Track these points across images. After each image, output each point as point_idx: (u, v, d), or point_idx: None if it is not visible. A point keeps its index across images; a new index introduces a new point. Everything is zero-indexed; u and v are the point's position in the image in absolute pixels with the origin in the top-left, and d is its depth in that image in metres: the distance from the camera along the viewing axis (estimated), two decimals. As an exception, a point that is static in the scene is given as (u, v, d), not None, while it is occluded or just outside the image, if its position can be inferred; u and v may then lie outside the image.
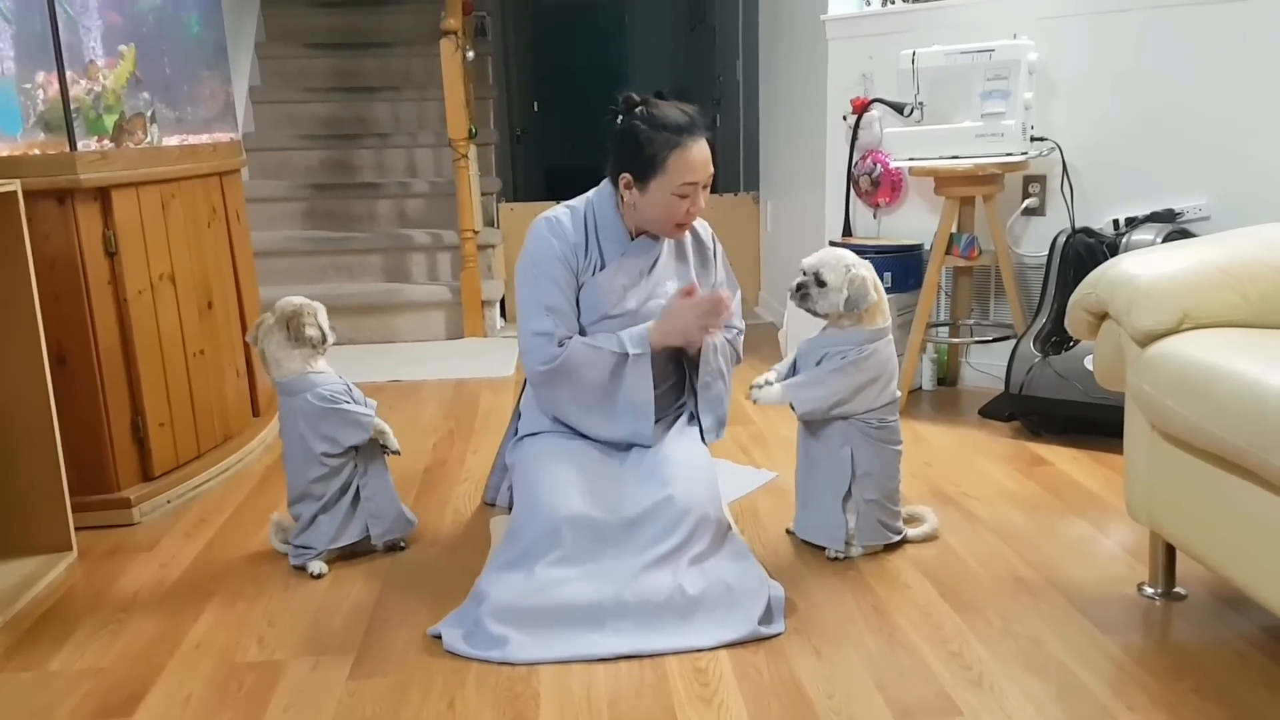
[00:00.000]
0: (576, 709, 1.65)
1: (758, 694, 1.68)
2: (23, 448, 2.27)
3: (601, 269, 2.17)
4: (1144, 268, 1.87)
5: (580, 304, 2.17)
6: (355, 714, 1.66)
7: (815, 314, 2.17)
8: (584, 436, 2.20)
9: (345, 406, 2.18)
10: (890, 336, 2.18)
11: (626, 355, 2.12)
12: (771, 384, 2.16)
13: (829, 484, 2.16)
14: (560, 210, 2.21)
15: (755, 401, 2.15)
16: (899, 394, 2.20)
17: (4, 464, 2.28)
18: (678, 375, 2.30)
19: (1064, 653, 1.77)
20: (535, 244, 2.18)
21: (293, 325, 2.17)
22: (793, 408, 2.16)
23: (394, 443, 2.25)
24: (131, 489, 2.54)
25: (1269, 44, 2.85)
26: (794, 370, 2.20)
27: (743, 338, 2.34)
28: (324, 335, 2.20)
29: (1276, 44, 2.85)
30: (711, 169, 2.10)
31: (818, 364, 2.15)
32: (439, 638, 1.88)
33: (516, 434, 2.34)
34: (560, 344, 2.13)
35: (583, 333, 2.18)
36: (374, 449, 2.24)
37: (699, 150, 2.07)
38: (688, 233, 2.24)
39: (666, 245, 2.23)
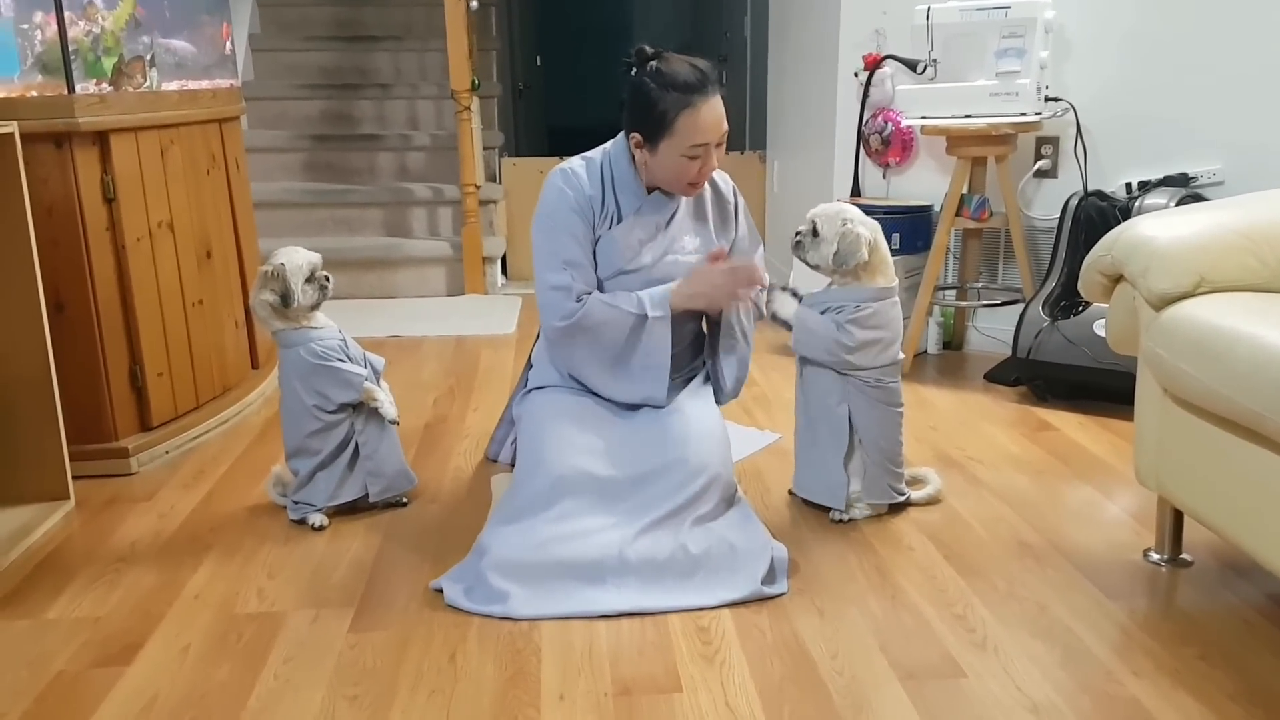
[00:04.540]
0: (578, 665, 1.65)
1: (760, 653, 1.67)
2: (20, 395, 2.25)
3: (618, 223, 2.12)
4: (1161, 230, 1.84)
5: (596, 258, 2.13)
6: (356, 666, 1.65)
7: (808, 264, 2.14)
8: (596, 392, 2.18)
9: (336, 364, 2.15)
10: (896, 298, 2.15)
11: (646, 317, 2.08)
12: (788, 297, 2.14)
13: (828, 442, 2.14)
14: (576, 162, 2.15)
15: (768, 303, 2.14)
16: (901, 356, 2.17)
17: (1, 411, 2.25)
18: (696, 334, 2.26)
19: (1069, 617, 1.76)
20: (550, 196, 2.12)
21: (271, 288, 2.14)
22: (789, 327, 2.16)
23: (390, 411, 2.18)
24: (129, 439, 2.52)
25: (1291, 5, 2.80)
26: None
27: (765, 294, 2.28)
28: (287, 298, 2.12)
29: (1299, 5, 2.79)
30: (725, 127, 2.03)
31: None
32: (440, 591, 1.86)
33: (526, 385, 2.31)
34: (579, 299, 2.08)
35: (600, 288, 2.14)
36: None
37: (709, 110, 1.99)
38: (707, 186, 2.20)
39: (685, 199, 2.18)
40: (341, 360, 2.16)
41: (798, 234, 2.14)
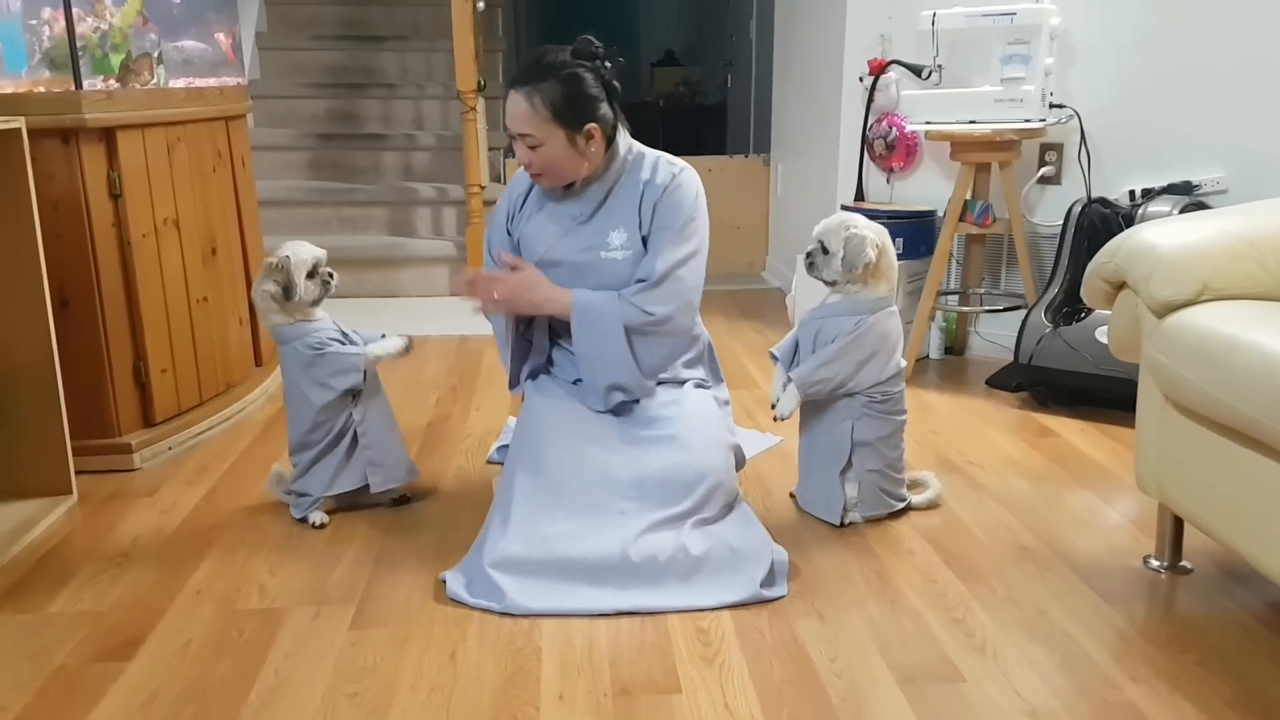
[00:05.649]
0: (578, 664, 1.65)
1: (759, 655, 1.67)
2: (24, 390, 2.25)
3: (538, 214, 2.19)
4: (1164, 237, 1.84)
5: (521, 252, 2.19)
6: (356, 663, 1.66)
7: (825, 282, 2.15)
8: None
9: (332, 350, 2.15)
10: (893, 306, 2.15)
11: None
12: (782, 393, 2.13)
13: (827, 457, 2.15)
14: None
15: (782, 418, 2.12)
16: (904, 364, 2.17)
17: (5, 406, 2.26)
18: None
19: (1068, 622, 1.77)
20: None
21: (274, 279, 2.15)
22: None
23: (395, 344, 2.23)
24: (132, 434, 2.53)
25: (1296, 14, 2.80)
26: (795, 348, 2.18)
27: (663, 327, 2.04)
28: (289, 290, 2.13)
29: (1304, 14, 2.79)
30: (524, 130, 2.00)
31: (815, 339, 2.13)
32: (446, 583, 1.88)
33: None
34: None
35: None
36: (373, 394, 2.21)
37: (512, 102, 2.02)
38: (643, 177, 2.09)
39: (614, 195, 2.11)
40: (336, 344, 2.16)
41: (808, 255, 2.14)
